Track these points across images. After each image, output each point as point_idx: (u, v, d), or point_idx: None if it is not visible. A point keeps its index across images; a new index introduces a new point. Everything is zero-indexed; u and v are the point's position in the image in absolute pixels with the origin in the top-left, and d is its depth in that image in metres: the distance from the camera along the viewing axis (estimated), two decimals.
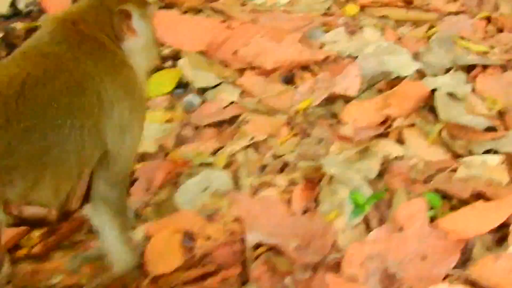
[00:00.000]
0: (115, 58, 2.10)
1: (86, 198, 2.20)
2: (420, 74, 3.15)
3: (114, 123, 2.05)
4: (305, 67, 3.21)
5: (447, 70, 3.17)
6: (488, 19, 3.49)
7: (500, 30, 3.44)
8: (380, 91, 3.06)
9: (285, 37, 3.32)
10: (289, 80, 3.18)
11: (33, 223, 2.48)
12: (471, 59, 3.21)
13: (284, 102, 3.03)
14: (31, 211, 2.36)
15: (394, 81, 3.08)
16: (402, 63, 3.18)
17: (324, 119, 2.95)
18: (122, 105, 2.07)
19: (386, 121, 2.89)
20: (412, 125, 2.89)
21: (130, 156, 2.16)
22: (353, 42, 3.34)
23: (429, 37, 3.37)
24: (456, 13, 3.53)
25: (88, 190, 2.17)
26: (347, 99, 3.02)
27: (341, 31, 3.41)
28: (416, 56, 3.23)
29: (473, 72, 3.16)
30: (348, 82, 3.07)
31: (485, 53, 3.27)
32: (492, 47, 3.30)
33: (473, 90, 3.06)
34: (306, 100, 3.01)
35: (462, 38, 3.34)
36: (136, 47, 2.16)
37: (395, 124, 2.86)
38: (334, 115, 2.96)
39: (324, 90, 3.03)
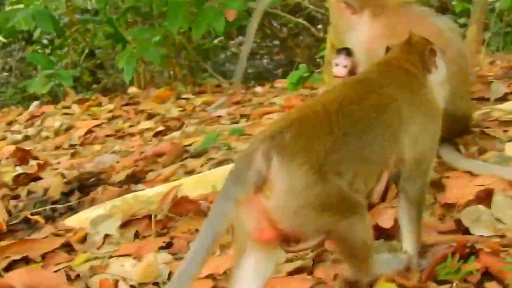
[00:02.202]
0: (419, 85, 2.72)
1: (384, 196, 3.11)
2: None
3: (408, 134, 2.61)
4: None
5: None
6: None
7: None
8: None
9: None
10: None
11: None
12: None
13: None
14: None
15: None
16: None
17: None
18: (416, 121, 2.64)
19: None
20: None
21: (422, 160, 2.71)
22: None
23: None
24: None
25: (385, 190, 3.05)
26: None
27: None
28: None
29: None
30: None
31: None
32: None
33: None
34: None
35: None
36: (436, 80, 2.78)
37: None
38: None
39: None
